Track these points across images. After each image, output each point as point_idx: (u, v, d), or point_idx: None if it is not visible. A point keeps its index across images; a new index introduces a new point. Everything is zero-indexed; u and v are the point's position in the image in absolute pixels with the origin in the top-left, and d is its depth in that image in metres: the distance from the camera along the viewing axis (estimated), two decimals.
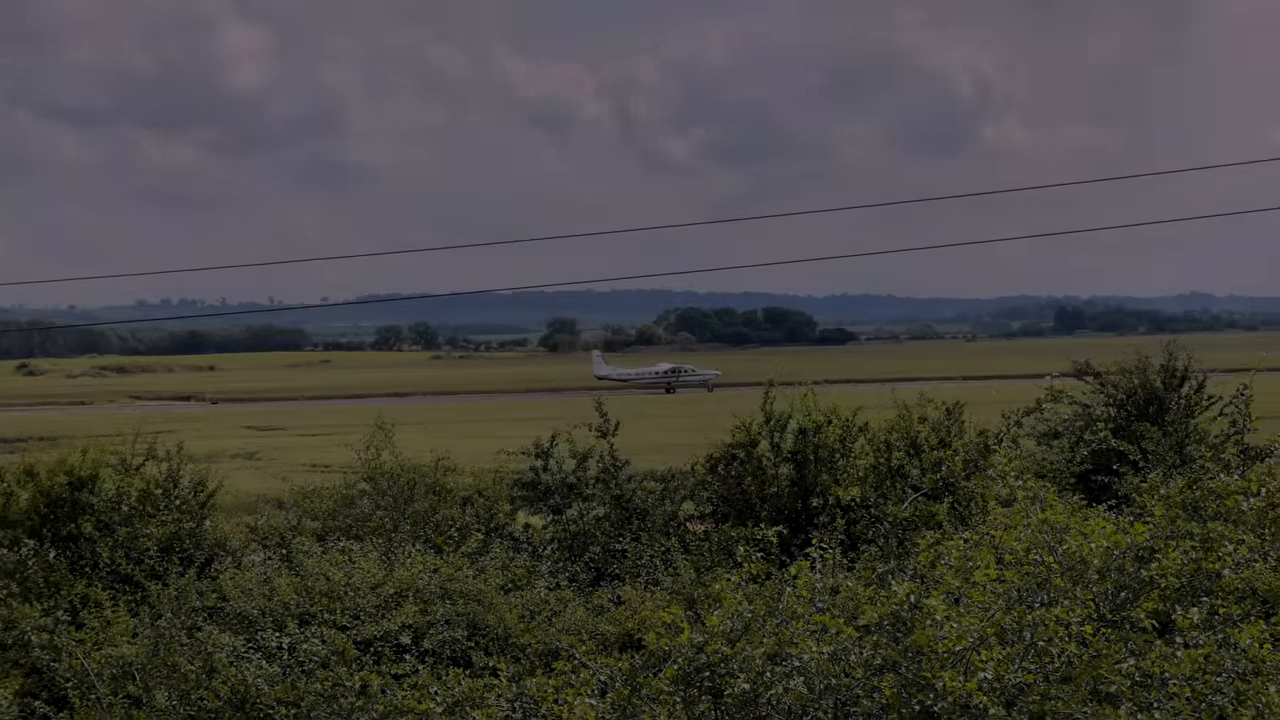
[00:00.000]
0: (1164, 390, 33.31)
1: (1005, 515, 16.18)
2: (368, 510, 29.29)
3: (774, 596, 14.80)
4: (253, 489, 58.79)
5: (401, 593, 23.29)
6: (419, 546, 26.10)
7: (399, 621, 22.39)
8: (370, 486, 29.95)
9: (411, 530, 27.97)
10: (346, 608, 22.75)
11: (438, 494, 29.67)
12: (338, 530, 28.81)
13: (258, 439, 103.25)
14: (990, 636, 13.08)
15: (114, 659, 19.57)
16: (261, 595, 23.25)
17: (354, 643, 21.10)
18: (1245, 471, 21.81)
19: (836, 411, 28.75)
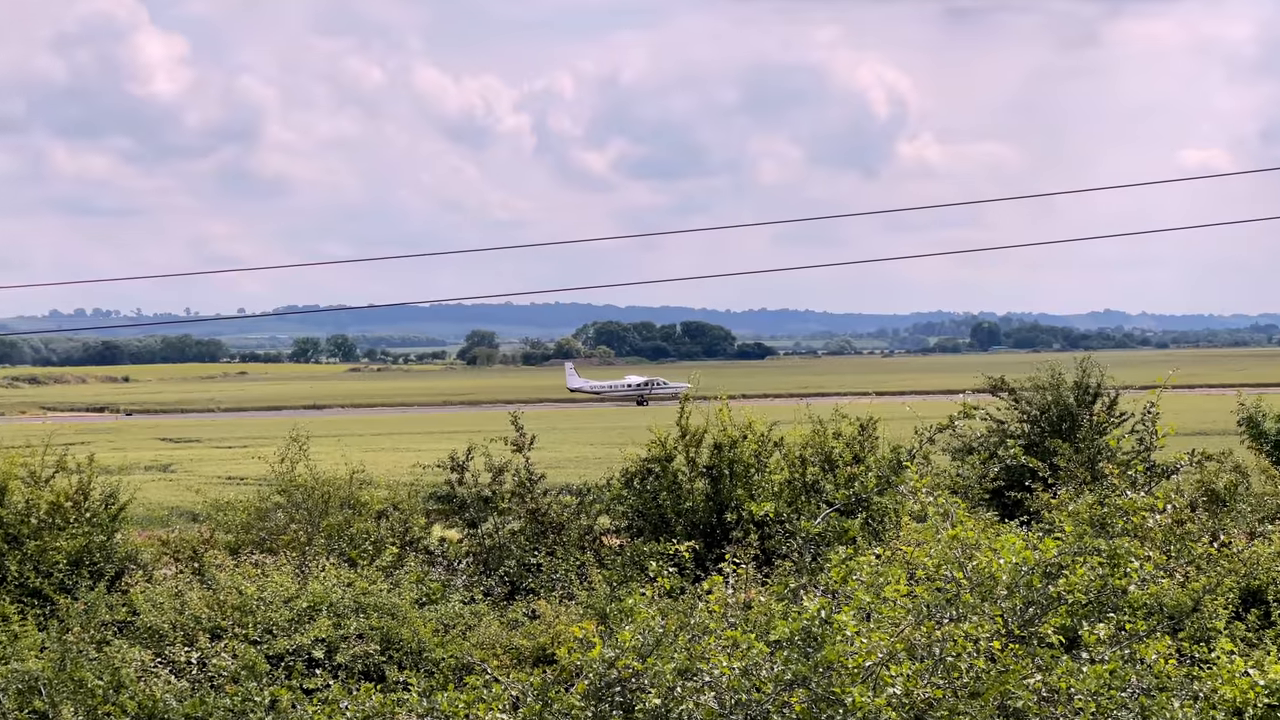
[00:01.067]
0: (1077, 407, 33.62)
1: (917, 531, 16.27)
2: (282, 523, 29.08)
3: (686, 612, 14.84)
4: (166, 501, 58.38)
5: (315, 606, 23.14)
6: (333, 560, 25.95)
7: (312, 636, 22.23)
8: (285, 499, 29.74)
9: (326, 544, 27.81)
10: (259, 622, 22.57)
11: (353, 507, 29.50)
12: (251, 543, 28.60)
13: (172, 451, 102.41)
14: (900, 652, 13.18)
15: (20, 674, 19.32)
16: (172, 609, 23.03)
17: (265, 657, 20.95)
18: (1152, 488, 22.06)
19: (752, 426, 28.82)
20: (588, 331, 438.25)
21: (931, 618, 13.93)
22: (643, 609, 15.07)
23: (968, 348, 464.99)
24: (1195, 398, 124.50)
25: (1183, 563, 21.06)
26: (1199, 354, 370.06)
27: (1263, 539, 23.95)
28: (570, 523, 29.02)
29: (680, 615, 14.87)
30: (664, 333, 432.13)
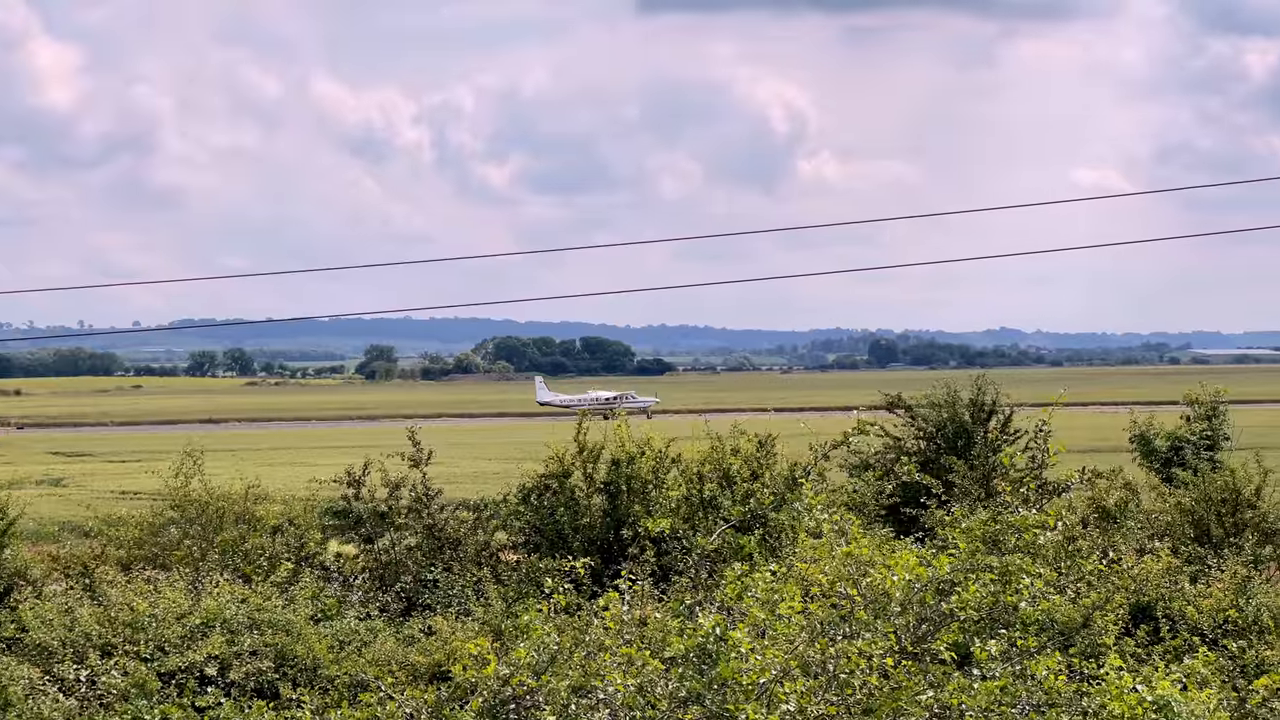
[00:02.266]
0: (972, 424, 33.92)
1: (812, 548, 16.34)
2: (175, 539, 28.78)
3: (582, 628, 14.82)
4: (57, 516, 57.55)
5: (208, 623, 22.92)
6: (227, 576, 25.71)
7: (204, 652, 22.01)
8: (178, 515, 29.43)
9: (220, 559, 27.55)
10: (150, 639, 22.31)
11: (248, 523, 29.25)
12: (144, 559, 28.26)
13: (64, 465, 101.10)
14: (794, 669, 13.22)
15: None
16: (62, 626, 22.72)
17: (157, 675, 20.73)
18: (1044, 506, 22.30)
19: (650, 443, 28.83)
20: (487, 346, 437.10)
21: (825, 635, 13.99)
22: (538, 626, 15.03)
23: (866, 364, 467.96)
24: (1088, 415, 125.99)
25: (1073, 579, 21.30)
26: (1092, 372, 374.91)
27: (1152, 555, 24.30)
28: (467, 538, 28.91)
29: (576, 632, 14.84)
30: (564, 348, 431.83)
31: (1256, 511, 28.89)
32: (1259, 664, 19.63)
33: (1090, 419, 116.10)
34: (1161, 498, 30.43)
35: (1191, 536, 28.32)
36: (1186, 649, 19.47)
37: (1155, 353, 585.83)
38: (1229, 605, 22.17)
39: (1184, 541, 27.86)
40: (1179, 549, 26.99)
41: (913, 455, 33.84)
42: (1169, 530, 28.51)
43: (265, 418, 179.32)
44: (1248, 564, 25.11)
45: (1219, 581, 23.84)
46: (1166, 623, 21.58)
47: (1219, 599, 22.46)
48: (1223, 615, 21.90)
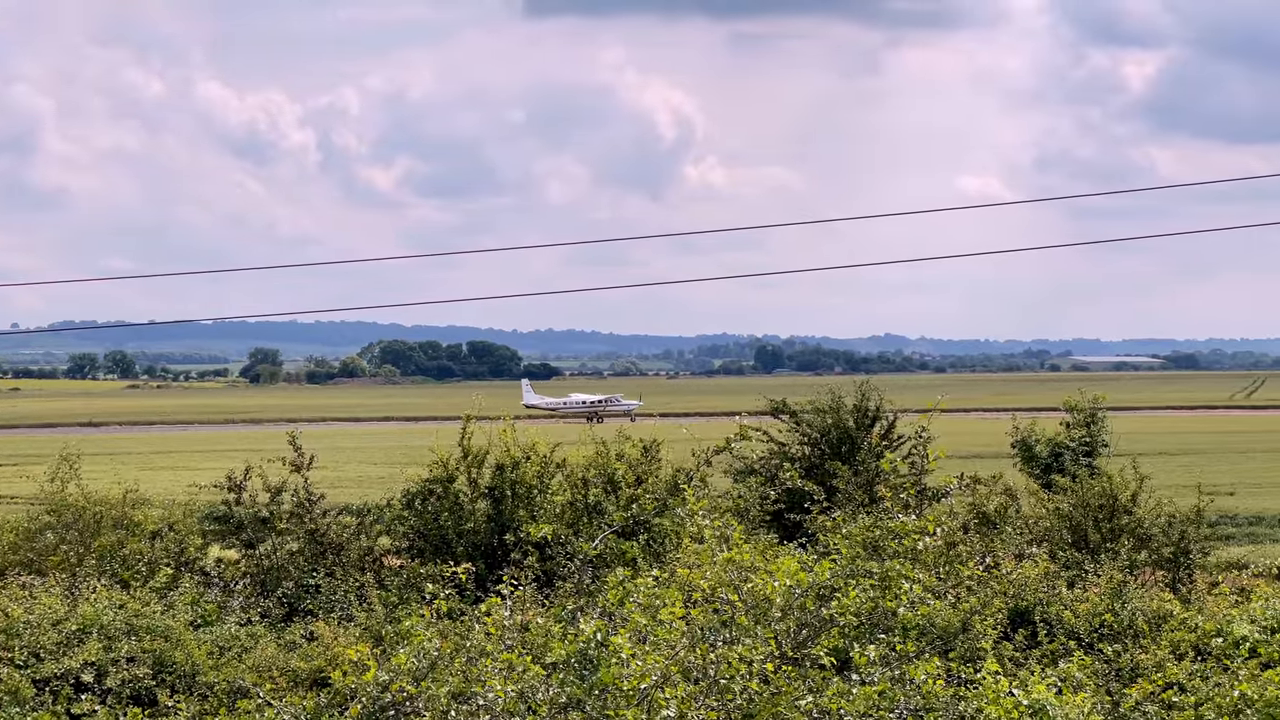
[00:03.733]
0: (856, 430, 34.15)
1: (695, 554, 16.39)
2: (51, 544, 28.38)
3: (464, 634, 14.76)
4: None
5: (85, 629, 22.59)
6: (105, 581, 25.37)
7: (81, 659, 21.70)
8: (54, 519, 29.01)
9: (97, 565, 27.17)
10: (25, 645, 21.96)
11: (126, 528, 28.88)
12: (18, 565, 27.83)
13: None
14: (674, 675, 13.24)
15: None
16: None
17: (31, 681, 20.40)
18: (923, 511, 22.48)
19: (535, 448, 28.78)
20: (373, 350, 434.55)
21: (706, 640, 14.03)
22: (420, 631, 14.96)
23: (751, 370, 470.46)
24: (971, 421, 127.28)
25: (953, 584, 21.50)
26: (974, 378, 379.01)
27: (1030, 561, 24.57)
28: (350, 543, 28.70)
29: (458, 638, 14.78)
30: (450, 352, 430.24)
31: (1132, 517, 29.28)
32: (1134, 668, 19.90)
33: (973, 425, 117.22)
34: (1041, 503, 30.74)
35: (1069, 542, 28.66)
36: (1063, 653, 19.71)
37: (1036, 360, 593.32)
38: (1105, 610, 22.46)
39: (1062, 547, 28.19)
40: (1057, 554, 27.31)
41: (797, 461, 34.00)
42: (1047, 535, 28.83)
43: (146, 421, 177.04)
44: (1123, 569, 25.45)
45: (1095, 586, 24.15)
46: (1044, 627, 21.80)
47: (1095, 604, 22.74)
48: (1099, 620, 22.18)
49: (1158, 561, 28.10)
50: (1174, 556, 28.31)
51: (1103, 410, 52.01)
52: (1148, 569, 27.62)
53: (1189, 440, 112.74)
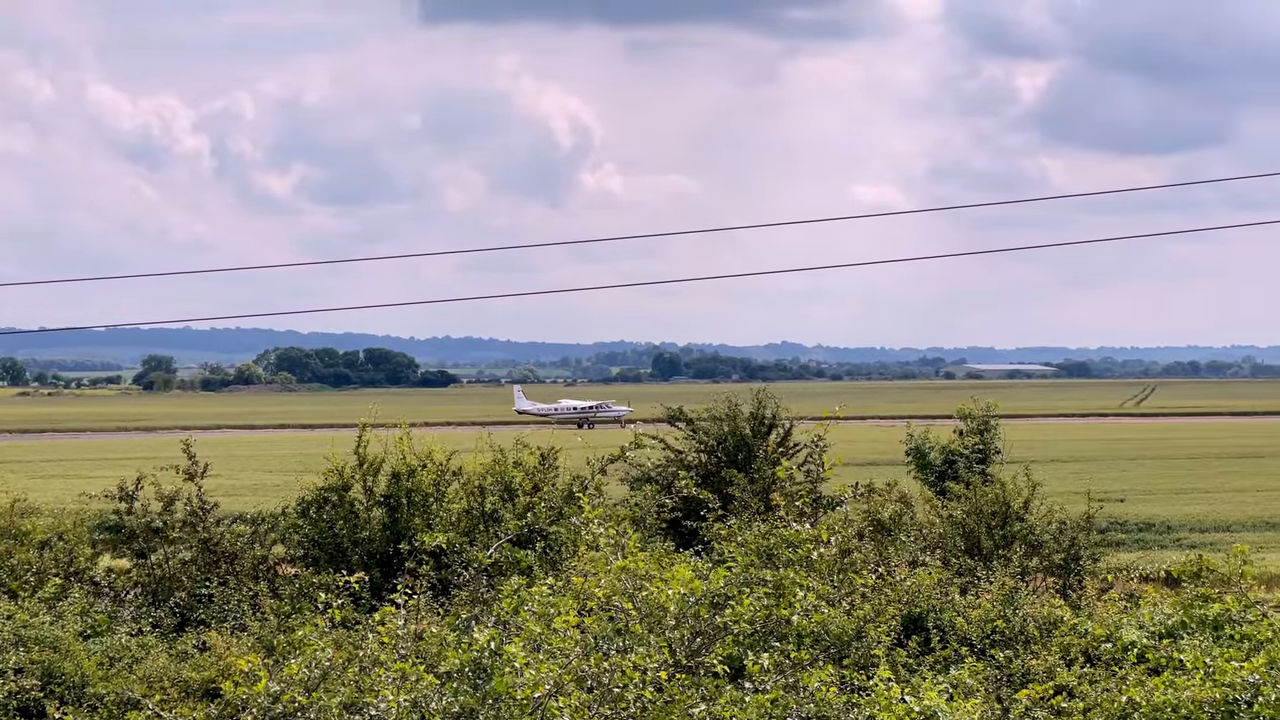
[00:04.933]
0: (752, 437, 34.29)
1: (589, 562, 16.39)
2: None
3: (357, 643, 14.66)
4: None
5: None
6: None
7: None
8: None
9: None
10: None
11: (14, 537, 28.47)
12: None
13: None
14: (568, 683, 13.22)
15: None
16: None
17: None
18: (818, 519, 22.62)
19: (432, 455, 28.66)
20: (269, 357, 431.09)
21: (600, 648, 14.02)
22: (313, 641, 14.85)
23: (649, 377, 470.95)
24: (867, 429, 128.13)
25: (846, 592, 21.63)
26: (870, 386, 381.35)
27: (924, 568, 24.75)
28: (244, 552, 28.45)
29: (351, 647, 14.68)
30: (347, 359, 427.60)
31: (1024, 524, 29.55)
32: (1024, 673, 20.09)
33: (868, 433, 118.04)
34: (934, 511, 30.98)
35: (962, 549, 28.89)
36: (955, 659, 19.88)
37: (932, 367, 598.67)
38: (997, 616, 22.66)
39: (955, 554, 28.41)
40: (950, 561, 27.52)
41: (694, 469, 34.10)
42: (941, 542, 29.04)
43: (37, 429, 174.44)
44: (1015, 575, 25.71)
45: (988, 593, 24.36)
46: (937, 634, 21.96)
47: (987, 610, 22.93)
48: (990, 626, 22.37)
49: (1049, 568, 28.38)
50: (1065, 563, 28.62)
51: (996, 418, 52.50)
52: (1039, 575, 27.89)
53: (1080, 448, 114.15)
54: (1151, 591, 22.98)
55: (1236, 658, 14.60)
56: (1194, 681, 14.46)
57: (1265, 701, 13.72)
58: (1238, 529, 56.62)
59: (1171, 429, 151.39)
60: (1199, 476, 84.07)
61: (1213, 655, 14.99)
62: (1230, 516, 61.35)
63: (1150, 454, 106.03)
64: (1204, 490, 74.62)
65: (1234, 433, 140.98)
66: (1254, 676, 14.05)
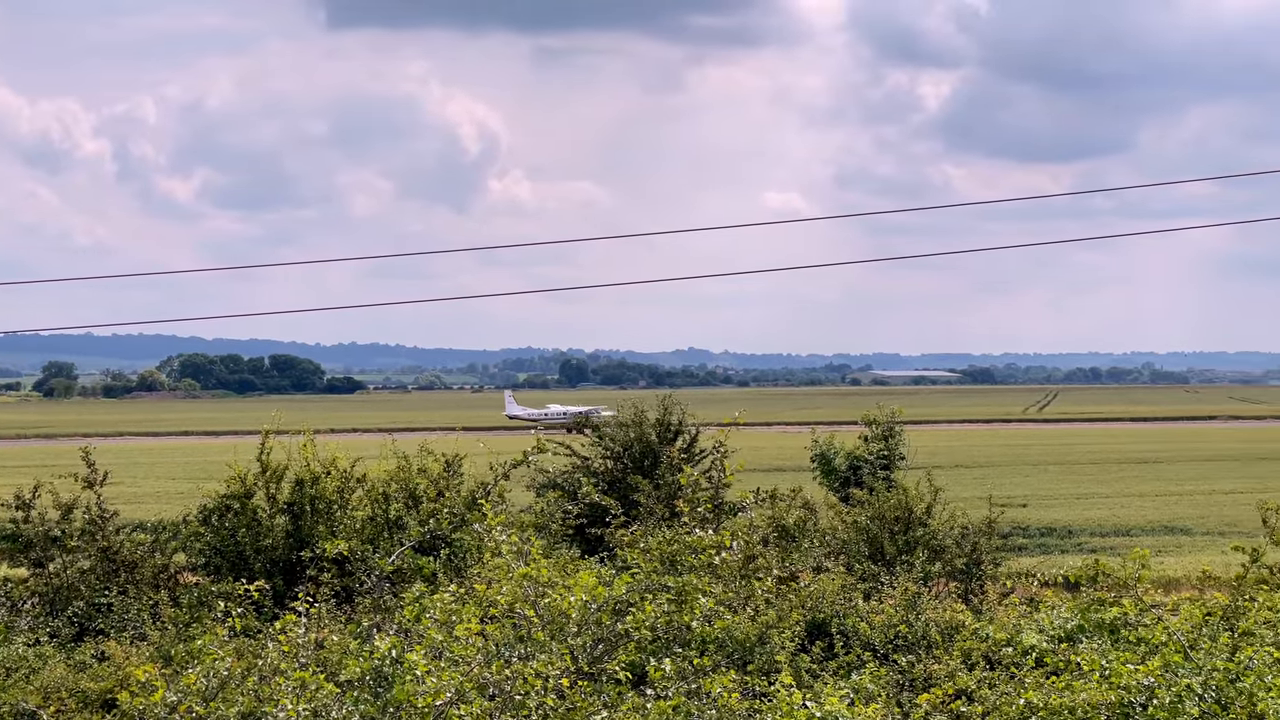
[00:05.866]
0: (658, 443, 34.36)
1: (491, 569, 16.35)
2: None
3: (257, 652, 14.55)
4: None
5: None
6: None
7: None
8: None
9: None
10: None
11: None
12: None
13: None
14: (470, 691, 13.18)
15: None
16: None
17: None
18: (720, 526, 22.68)
19: (336, 462, 28.51)
20: (173, 364, 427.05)
21: (502, 656, 13.99)
22: (212, 650, 14.72)
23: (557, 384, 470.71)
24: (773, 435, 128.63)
25: (748, 598, 21.71)
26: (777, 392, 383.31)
27: (827, 573, 24.88)
28: (145, 561, 28.16)
29: (251, 656, 14.56)
30: (252, 366, 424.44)
31: (927, 529, 29.76)
32: (926, 678, 20.23)
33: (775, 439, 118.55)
34: (838, 516, 31.15)
35: (866, 554, 29.05)
36: (858, 664, 19.99)
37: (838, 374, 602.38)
38: (899, 621, 22.80)
39: (859, 559, 28.56)
40: (854, 566, 27.68)
41: (600, 475, 34.14)
42: (845, 548, 29.19)
43: None
44: (918, 580, 25.88)
45: (891, 598, 24.51)
46: (840, 639, 22.07)
47: (890, 615, 23.07)
48: (893, 631, 22.51)
49: (951, 573, 28.59)
50: (967, 568, 28.85)
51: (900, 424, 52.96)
52: (942, 580, 28.10)
53: (984, 453, 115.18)
54: (1051, 596, 23.20)
55: (1132, 660, 14.77)
56: (1090, 684, 14.62)
57: (1159, 704, 13.89)
58: (1138, 533, 57.33)
59: (1073, 435, 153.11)
60: (1100, 481, 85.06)
61: (1109, 658, 15.14)
62: (1130, 521, 62.11)
63: (1052, 459, 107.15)
64: (1104, 495, 75.51)
65: (1134, 438, 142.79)
66: (1148, 679, 14.22)
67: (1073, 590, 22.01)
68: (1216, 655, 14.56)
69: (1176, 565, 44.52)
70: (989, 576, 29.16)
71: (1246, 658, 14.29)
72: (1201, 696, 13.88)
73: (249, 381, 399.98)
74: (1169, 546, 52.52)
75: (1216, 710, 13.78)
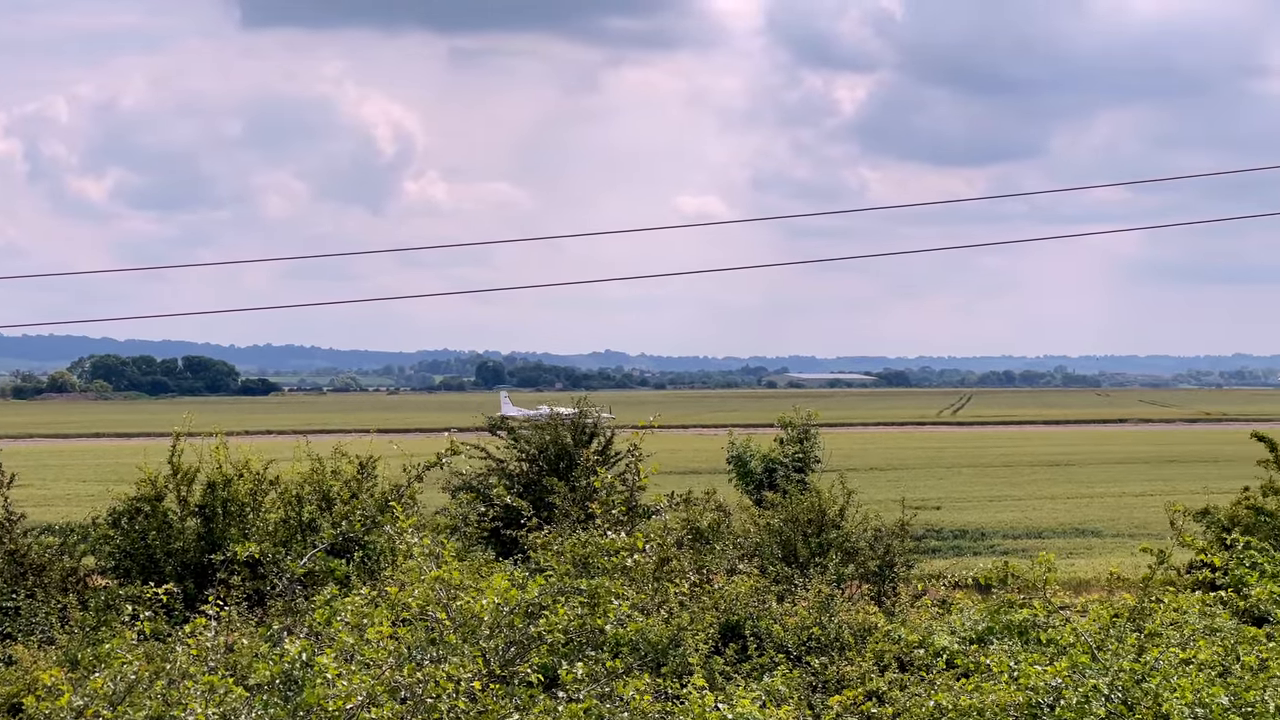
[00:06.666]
0: (574, 446, 34.37)
1: (404, 572, 16.32)
2: None
3: (165, 656, 14.44)
4: None
5: None
6: None
7: None
8: None
9: None
10: None
11: None
12: None
13: None
14: (381, 694, 13.13)
15: None
16: None
17: None
18: (634, 528, 22.72)
19: (249, 464, 28.33)
20: (84, 365, 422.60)
21: (413, 659, 13.95)
22: (120, 654, 14.59)
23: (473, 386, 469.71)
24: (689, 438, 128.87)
25: (661, 601, 21.75)
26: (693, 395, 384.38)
27: (742, 575, 24.97)
28: (53, 564, 27.87)
29: (160, 660, 14.44)
30: (165, 367, 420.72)
31: (840, 531, 29.93)
32: (839, 680, 20.34)
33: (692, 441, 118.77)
34: (752, 519, 31.28)
35: (780, 556, 29.18)
36: (771, 666, 20.07)
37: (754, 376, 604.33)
38: (813, 623, 22.91)
39: (773, 561, 28.68)
40: (768, 568, 27.79)
41: (516, 477, 34.12)
42: (758, 550, 29.31)
43: None
44: (831, 583, 26.01)
45: (804, 600, 24.62)
46: (754, 641, 22.16)
47: (804, 617, 23.18)
48: (807, 633, 22.62)
49: (864, 575, 28.77)
50: (880, 570, 29.04)
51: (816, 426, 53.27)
52: (855, 582, 28.27)
53: (898, 456, 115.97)
54: (962, 598, 23.40)
55: (1040, 662, 14.92)
56: (999, 685, 14.75)
57: (1066, 704, 14.03)
58: (1049, 535, 57.88)
59: (986, 437, 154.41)
60: (1012, 484, 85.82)
61: (1018, 660, 15.29)
62: (1042, 523, 62.70)
63: (966, 462, 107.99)
64: (1017, 497, 76.18)
65: (1046, 441, 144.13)
66: (1056, 680, 14.36)
67: (984, 592, 22.20)
68: (1123, 656, 14.72)
69: (1087, 567, 45.01)
70: (902, 579, 29.37)
71: (1152, 658, 14.45)
72: (1108, 697, 14.03)
73: (162, 383, 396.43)
74: (1080, 548, 53.07)
75: (1123, 711, 13.94)
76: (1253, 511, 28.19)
